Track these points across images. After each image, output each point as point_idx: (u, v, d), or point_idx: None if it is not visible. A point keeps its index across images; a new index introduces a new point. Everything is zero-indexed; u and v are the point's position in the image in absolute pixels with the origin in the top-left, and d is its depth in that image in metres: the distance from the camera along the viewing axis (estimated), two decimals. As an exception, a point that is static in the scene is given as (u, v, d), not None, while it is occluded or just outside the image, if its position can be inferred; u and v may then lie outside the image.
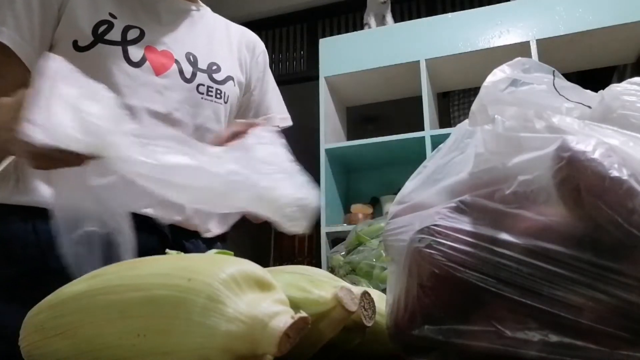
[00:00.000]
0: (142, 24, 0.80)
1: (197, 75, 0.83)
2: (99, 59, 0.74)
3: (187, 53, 0.83)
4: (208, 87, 0.84)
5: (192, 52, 0.84)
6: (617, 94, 0.37)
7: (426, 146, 2.15)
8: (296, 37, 3.60)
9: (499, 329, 0.30)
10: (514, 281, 0.30)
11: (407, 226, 0.37)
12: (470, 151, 0.38)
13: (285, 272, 0.40)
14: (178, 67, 0.81)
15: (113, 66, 0.75)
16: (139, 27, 0.79)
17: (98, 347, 0.29)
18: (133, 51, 0.77)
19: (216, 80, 0.86)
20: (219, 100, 0.86)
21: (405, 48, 2.35)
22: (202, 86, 0.83)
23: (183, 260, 0.32)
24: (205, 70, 0.84)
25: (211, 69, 0.85)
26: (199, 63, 0.84)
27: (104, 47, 0.75)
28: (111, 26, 0.76)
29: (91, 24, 0.75)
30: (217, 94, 0.85)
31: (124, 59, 0.76)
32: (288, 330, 0.28)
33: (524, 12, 2.22)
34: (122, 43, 0.76)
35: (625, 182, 0.29)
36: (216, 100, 0.85)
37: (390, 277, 0.41)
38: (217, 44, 0.89)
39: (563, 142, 0.31)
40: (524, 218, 0.32)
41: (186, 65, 0.82)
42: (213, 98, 0.84)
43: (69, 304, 0.31)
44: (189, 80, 0.81)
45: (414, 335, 0.34)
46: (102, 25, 0.75)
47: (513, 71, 0.41)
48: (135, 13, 0.80)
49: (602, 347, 0.28)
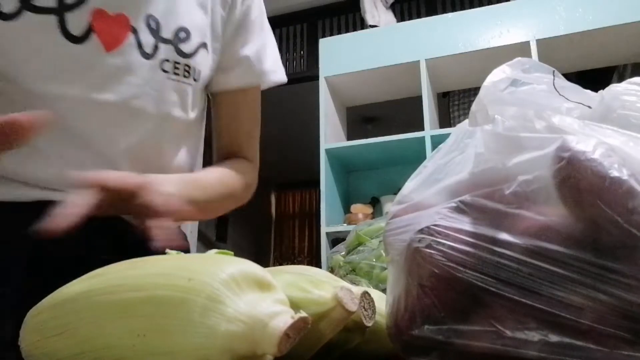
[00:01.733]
0: None
1: (159, 48, 0.64)
2: (26, 33, 0.56)
3: (147, 16, 0.63)
4: (175, 63, 0.65)
5: (152, 15, 0.64)
6: (617, 94, 0.37)
7: (426, 146, 2.15)
8: (296, 37, 3.61)
9: (499, 329, 0.30)
10: (514, 281, 0.30)
11: (407, 226, 0.37)
12: (470, 151, 0.38)
13: (285, 272, 0.40)
14: (136, 39, 0.62)
15: (47, 43, 0.57)
16: None
17: (98, 347, 0.29)
18: (73, 20, 0.58)
19: (184, 53, 0.66)
20: (188, 80, 0.67)
21: (405, 48, 2.35)
22: (167, 62, 0.65)
23: (183, 260, 0.32)
24: (170, 41, 0.65)
25: (178, 37, 0.66)
26: (162, 30, 0.65)
27: (33, 17, 0.56)
28: None
29: None
30: (186, 71, 0.66)
31: (61, 32, 0.58)
32: (288, 330, 0.28)
33: (524, 12, 2.23)
34: (58, 10, 0.57)
35: (625, 182, 0.29)
36: (184, 80, 0.66)
37: (390, 277, 0.41)
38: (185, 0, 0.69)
39: (563, 142, 0.31)
40: (524, 218, 0.32)
41: (146, 34, 0.63)
42: (180, 77, 0.66)
43: (69, 304, 0.31)
44: (149, 56, 0.63)
45: (414, 335, 0.34)
46: None
47: (513, 71, 0.41)
48: None
49: (602, 347, 0.28)
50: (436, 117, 2.44)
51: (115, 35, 0.61)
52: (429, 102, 2.26)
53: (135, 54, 0.62)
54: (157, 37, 0.64)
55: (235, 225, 4.96)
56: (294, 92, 3.23)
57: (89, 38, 0.59)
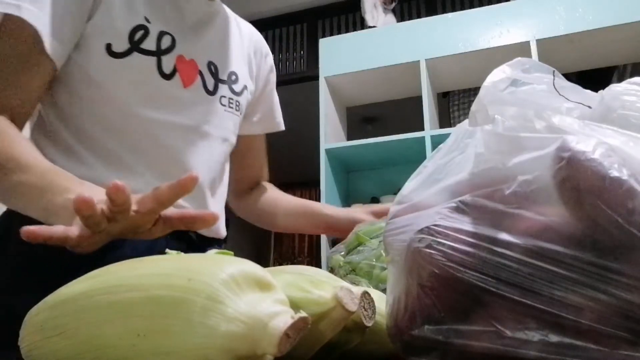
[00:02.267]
0: (173, 30, 0.77)
1: (219, 87, 0.82)
2: (132, 68, 0.72)
3: (208, 62, 0.82)
4: (229, 99, 0.84)
5: (212, 62, 0.82)
6: (617, 94, 0.37)
7: (426, 146, 2.15)
8: (296, 37, 3.61)
9: (499, 329, 0.30)
10: (514, 281, 0.30)
11: (407, 226, 0.37)
12: (470, 151, 0.38)
13: (285, 272, 0.40)
14: (202, 79, 0.80)
15: (145, 78, 0.73)
16: (170, 34, 0.76)
17: (98, 347, 0.29)
18: (166, 62, 0.75)
19: (235, 91, 0.86)
20: (237, 112, 0.86)
21: (405, 48, 2.35)
22: (224, 98, 0.83)
23: (183, 260, 0.32)
24: (225, 81, 0.84)
25: (230, 79, 0.85)
26: (220, 73, 0.83)
27: (139, 57, 0.72)
28: (147, 32, 0.74)
29: (128, 28, 0.72)
30: (236, 106, 0.86)
31: (157, 70, 0.74)
32: (288, 330, 0.28)
33: (524, 12, 2.22)
34: (156, 53, 0.74)
35: (625, 182, 0.29)
36: (234, 113, 0.85)
37: (390, 277, 0.41)
38: (234, 50, 0.88)
39: (563, 142, 0.31)
40: (524, 218, 0.32)
41: (208, 76, 0.81)
42: (233, 110, 0.85)
43: (69, 304, 0.31)
44: (212, 93, 0.81)
45: (414, 335, 0.34)
46: (139, 31, 0.73)
47: (513, 71, 0.41)
48: (165, 15, 0.77)
49: (602, 347, 0.28)
50: (436, 117, 2.43)
51: (190, 76, 0.78)
52: (429, 102, 2.26)
53: (202, 91, 0.80)
54: (217, 78, 0.83)
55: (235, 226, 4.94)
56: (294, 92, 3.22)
57: (174, 76, 0.76)
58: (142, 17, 0.74)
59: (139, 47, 0.72)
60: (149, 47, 0.73)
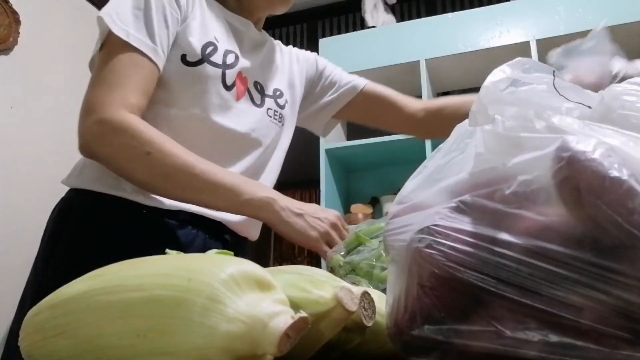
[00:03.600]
0: (236, 50, 0.92)
1: (265, 101, 0.95)
2: (202, 76, 0.85)
3: (255, 82, 0.95)
4: (275, 111, 0.96)
5: (258, 81, 0.96)
6: (617, 94, 0.37)
7: (426, 146, 2.15)
8: (296, 37, 3.60)
9: (499, 329, 0.30)
10: (514, 281, 0.30)
11: (407, 226, 0.37)
12: (470, 151, 0.38)
13: (285, 272, 0.40)
14: (249, 95, 0.93)
15: (212, 86, 0.86)
16: (234, 53, 0.91)
17: (98, 347, 0.29)
18: (229, 75, 0.88)
19: (280, 105, 0.98)
20: (279, 124, 0.98)
21: (405, 48, 2.35)
22: (270, 110, 0.95)
23: (183, 260, 0.32)
24: (272, 96, 0.97)
25: (275, 94, 0.98)
26: (266, 90, 0.97)
27: (208, 67, 0.85)
28: (215, 49, 0.87)
29: (200, 44, 0.86)
30: (280, 118, 0.98)
31: (221, 81, 0.87)
32: (288, 330, 0.28)
33: (524, 12, 2.22)
34: (222, 66, 0.87)
35: (625, 182, 0.29)
36: (278, 124, 0.97)
37: (390, 277, 0.41)
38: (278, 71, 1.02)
39: (563, 142, 0.31)
40: (524, 218, 0.32)
41: (255, 92, 0.94)
42: (277, 121, 0.97)
43: (69, 304, 0.31)
44: (259, 105, 0.94)
45: (414, 335, 0.34)
46: (209, 47, 0.87)
47: (513, 71, 0.41)
48: (230, 39, 0.92)
49: (602, 347, 0.28)
50: (436, 117, 2.43)
51: (242, 90, 0.91)
52: (429, 102, 2.25)
53: (250, 103, 0.93)
54: (263, 94, 0.96)
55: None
56: (294, 92, 3.22)
57: (233, 88, 0.89)
58: (213, 36, 0.88)
59: (209, 59, 0.86)
60: (217, 61, 0.87)
